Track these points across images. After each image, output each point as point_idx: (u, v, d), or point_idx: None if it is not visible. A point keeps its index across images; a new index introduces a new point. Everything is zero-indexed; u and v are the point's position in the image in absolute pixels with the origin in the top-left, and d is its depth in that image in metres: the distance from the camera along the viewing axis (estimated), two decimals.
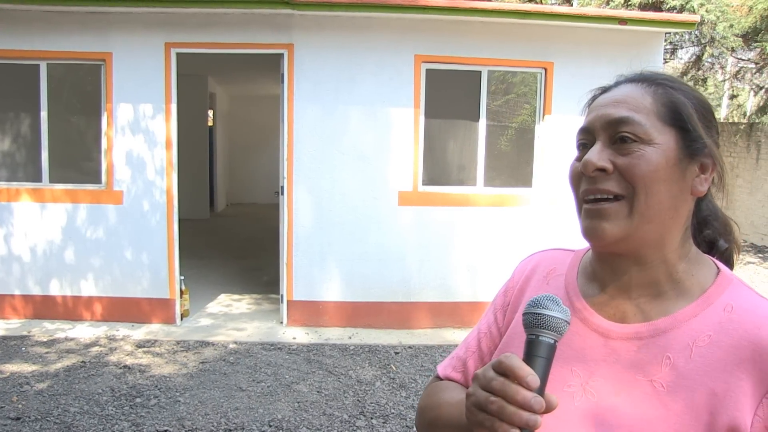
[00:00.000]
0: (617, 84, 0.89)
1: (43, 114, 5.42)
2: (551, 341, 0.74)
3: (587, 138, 0.87)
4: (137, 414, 3.74)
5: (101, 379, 4.25)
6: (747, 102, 14.00)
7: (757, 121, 10.20)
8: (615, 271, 0.87)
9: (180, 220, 5.63)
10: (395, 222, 5.59)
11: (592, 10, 7.19)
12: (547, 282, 0.97)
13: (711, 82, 12.38)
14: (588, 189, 0.84)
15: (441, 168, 5.82)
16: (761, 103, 10.59)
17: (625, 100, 0.85)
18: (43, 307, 5.49)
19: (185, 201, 7.35)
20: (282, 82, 5.41)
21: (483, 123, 5.69)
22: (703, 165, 0.85)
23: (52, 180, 5.47)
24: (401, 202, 5.57)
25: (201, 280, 6.91)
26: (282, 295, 5.59)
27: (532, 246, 1.22)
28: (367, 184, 5.54)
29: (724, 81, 12.83)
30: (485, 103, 5.67)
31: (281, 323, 5.59)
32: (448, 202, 5.63)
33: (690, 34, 9.52)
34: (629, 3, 9.39)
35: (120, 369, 4.45)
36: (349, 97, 5.46)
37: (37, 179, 5.48)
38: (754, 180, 10.52)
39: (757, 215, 10.38)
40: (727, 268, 0.90)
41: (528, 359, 0.73)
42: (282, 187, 5.51)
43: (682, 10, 8.73)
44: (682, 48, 10.63)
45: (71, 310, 5.50)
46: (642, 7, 9.14)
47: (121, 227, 5.45)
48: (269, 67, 7.14)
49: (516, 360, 0.71)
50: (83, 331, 5.25)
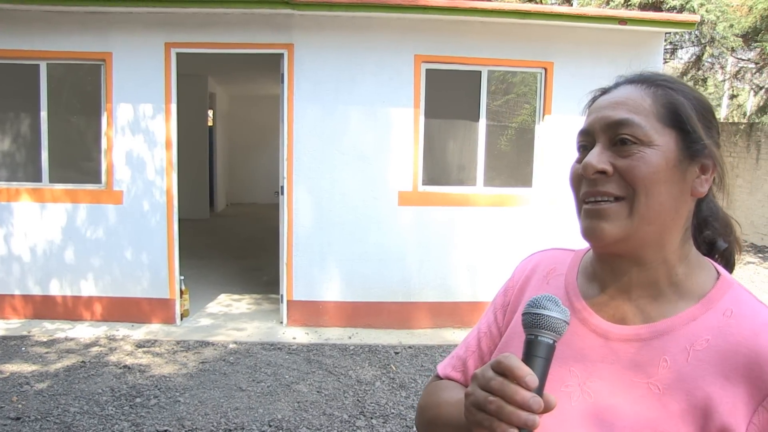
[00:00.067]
0: (617, 85, 0.89)
1: (43, 114, 5.43)
2: (550, 341, 0.74)
3: (587, 140, 0.87)
4: (137, 414, 3.75)
5: (101, 379, 4.25)
6: (747, 102, 14.00)
7: (757, 121, 10.21)
8: (615, 272, 0.87)
9: (180, 220, 5.63)
10: (395, 222, 5.59)
11: (592, 10, 7.19)
12: (547, 282, 0.97)
13: (711, 82, 12.38)
14: (588, 191, 0.84)
15: (441, 168, 5.82)
16: (761, 103, 10.59)
17: (625, 101, 0.85)
18: (43, 307, 5.49)
19: (185, 201, 7.35)
20: (282, 82, 5.41)
21: (483, 123, 5.69)
22: (704, 166, 0.84)
23: (52, 180, 5.47)
24: (401, 202, 5.57)
25: (201, 280, 6.91)
26: (282, 295, 5.59)
27: (532, 246, 1.22)
28: (367, 184, 5.54)
29: (724, 81, 12.84)
30: (485, 103, 5.67)
31: (281, 323, 5.59)
32: (448, 202, 5.64)
33: (690, 34, 9.52)
34: (629, 3, 9.39)
35: (120, 369, 4.45)
36: (349, 97, 5.46)
37: (37, 179, 5.48)
38: (754, 180, 10.53)
39: (757, 215, 10.38)
40: (727, 270, 0.90)
41: (527, 359, 0.73)
42: (282, 187, 5.51)
43: (682, 10, 8.73)
44: (682, 48, 10.63)
45: (71, 310, 5.50)
46: (642, 7, 9.14)
47: (121, 227, 5.45)
48: (269, 67, 7.14)
49: (515, 360, 0.72)
50: (83, 331, 5.25)
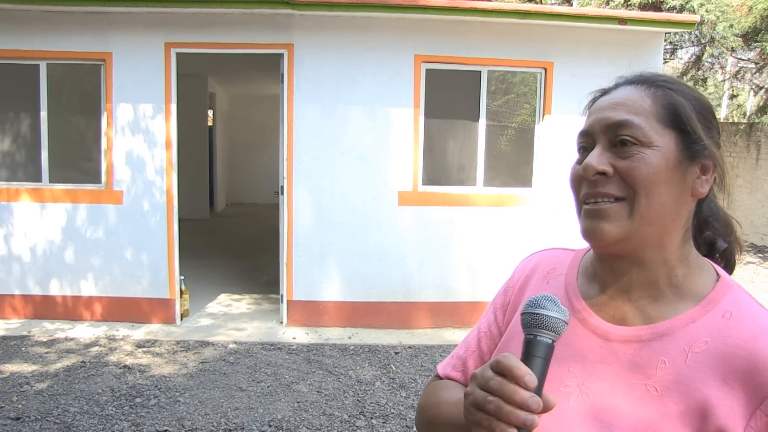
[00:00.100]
0: (617, 86, 0.89)
1: (43, 114, 5.43)
2: (549, 341, 0.74)
3: (587, 141, 0.87)
4: (137, 414, 3.75)
5: (101, 379, 4.25)
6: (747, 102, 14.00)
7: (757, 121, 10.21)
8: (615, 273, 0.87)
9: (180, 220, 5.63)
10: (395, 222, 5.59)
11: (592, 10, 7.19)
12: (547, 281, 0.97)
13: (711, 82, 12.38)
14: (588, 193, 0.84)
15: (441, 168, 5.82)
16: (761, 103, 10.59)
17: (625, 102, 0.84)
18: (43, 307, 5.49)
19: (185, 201, 7.35)
20: (282, 82, 5.41)
21: (483, 123, 5.69)
22: (704, 166, 0.84)
23: (52, 180, 5.47)
24: (401, 202, 5.57)
25: (201, 280, 6.91)
26: (282, 295, 5.59)
27: (531, 246, 1.22)
28: (367, 184, 5.54)
29: (724, 81, 12.83)
30: (485, 103, 5.67)
31: (281, 323, 5.59)
32: (448, 202, 5.64)
33: (690, 34, 9.52)
34: (629, 3, 9.39)
35: (120, 369, 4.45)
36: (349, 97, 5.46)
37: (37, 179, 5.48)
38: (754, 180, 10.53)
39: (757, 215, 10.38)
40: (727, 271, 0.90)
41: (526, 359, 0.73)
42: (282, 187, 5.51)
43: (682, 10, 8.73)
44: (682, 48, 10.63)
45: (71, 310, 5.50)
46: (642, 7, 9.14)
47: (121, 227, 5.45)
48: (269, 67, 7.14)
49: (514, 360, 0.72)
50: (83, 331, 5.25)
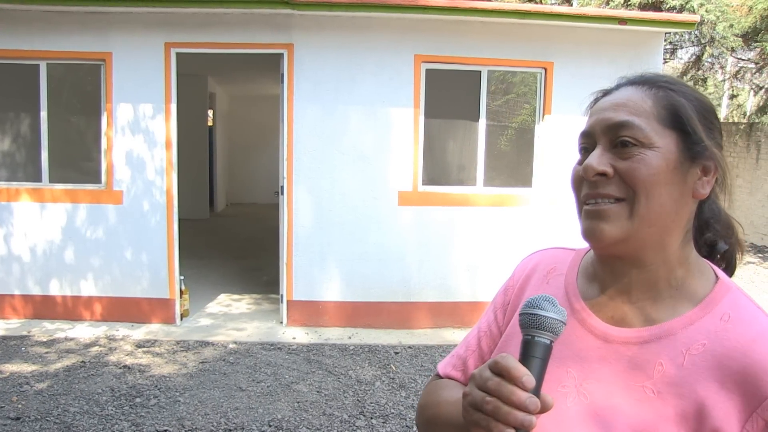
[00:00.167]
0: (618, 87, 0.89)
1: (43, 114, 5.43)
2: (547, 342, 0.74)
3: (588, 142, 0.87)
4: (137, 414, 3.75)
5: (101, 379, 4.25)
6: (747, 102, 14.00)
7: (757, 121, 10.21)
8: (615, 273, 0.87)
9: (180, 220, 5.63)
10: (395, 222, 5.59)
11: (592, 10, 7.19)
12: (547, 281, 0.97)
13: (711, 82, 12.38)
14: (589, 193, 0.84)
15: (441, 168, 5.82)
16: (761, 103, 10.59)
17: (626, 103, 0.84)
18: (43, 307, 5.49)
19: (185, 201, 7.35)
20: (282, 82, 5.41)
21: (483, 123, 5.69)
22: (705, 167, 0.84)
23: (52, 180, 5.47)
24: (401, 202, 5.57)
25: (201, 280, 6.91)
26: (282, 295, 5.59)
27: (531, 246, 1.22)
28: (367, 184, 5.54)
29: (724, 81, 12.83)
30: (485, 103, 5.67)
31: (281, 323, 5.59)
32: (447, 202, 5.64)
33: (690, 34, 9.52)
34: (629, 3, 9.39)
35: (120, 369, 4.45)
36: (349, 97, 5.46)
37: (37, 179, 5.48)
38: (754, 180, 10.53)
39: (757, 215, 10.38)
40: (727, 273, 0.90)
41: (524, 359, 0.73)
42: (282, 187, 5.51)
43: (682, 10, 8.73)
44: (682, 48, 10.63)
45: (71, 310, 5.50)
46: (642, 7, 9.14)
47: (121, 227, 5.45)
48: (269, 67, 7.14)
49: (512, 360, 0.72)
50: (83, 331, 5.25)
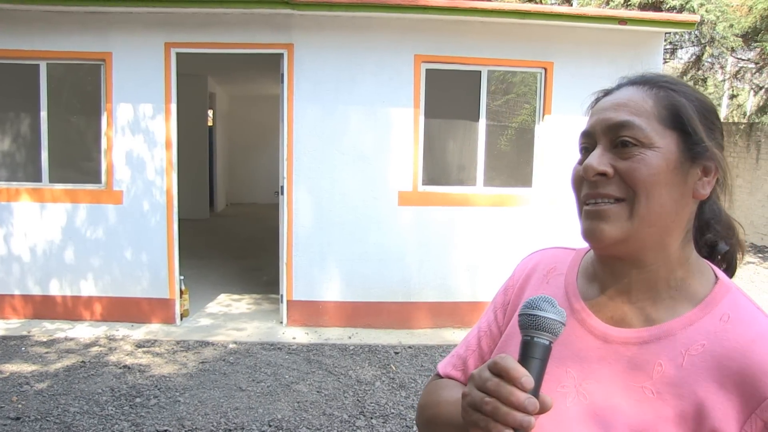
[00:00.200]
0: (619, 87, 0.89)
1: (43, 114, 5.42)
2: (546, 342, 0.74)
3: (589, 142, 0.87)
4: (137, 414, 3.74)
5: (101, 379, 4.25)
6: (747, 102, 13.99)
7: (757, 121, 10.21)
8: (615, 274, 0.87)
9: (180, 220, 5.63)
10: (395, 222, 5.59)
11: (592, 10, 7.19)
12: (547, 281, 0.97)
13: (711, 82, 12.38)
14: (589, 193, 0.84)
15: (441, 168, 5.82)
16: (761, 103, 10.59)
17: (626, 103, 0.84)
18: (43, 307, 5.49)
19: (185, 201, 7.35)
20: (282, 82, 5.41)
21: (483, 123, 5.69)
22: (706, 168, 0.84)
23: (52, 180, 5.47)
24: (401, 202, 5.57)
25: (201, 280, 6.91)
26: (282, 295, 5.59)
27: (531, 246, 1.22)
28: (367, 184, 5.54)
29: (724, 81, 12.83)
30: (485, 103, 5.67)
31: (281, 323, 5.59)
32: (448, 202, 5.63)
33: (690, 34, 9.51)
34: (629, 3, 9.39)
35: (120, 369, 4.45)
36: (349, 97, 5.46)
37: (37, 179, 5.48)
38: (754, 180, 10.53)
39: (757, 215, 10.38)
40: (727, 274, 0.90)
41: (523, 360, 0.74)
42: (282, 187, 5.51)
43: (682, 10, 8.72)
44: (682, 48, 10.63)
45: (71, 310, 5.50)
46: (642, 7, 9.14)
47: (121, 227, 5.45)
48: (269, 67, 7.13)
49: (511, 361, 0.72)
50: (83, 331, 5.25)
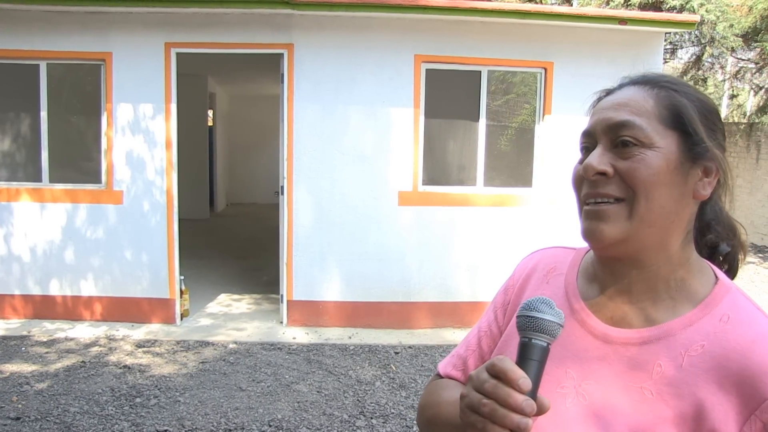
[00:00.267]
0: (620, 86, 0.89)
1: (43, 114, 5.42)
2: (544, 344, 0.74)
3: (589, 141, 0.87)
4: (137, 414, 3.74)
5: (101, 379, 4.25)
6: (747, 102, 13.99)
7: (757, 121, 10.21)
8: (615, 274, 0.87)
9: (180, 220, 5.63)
10: (395, 222, 5.59)
11: (592, 10, 7.19)
12: (547, 281, 0.97)
13: (711, 82, 12.38)
14: (589, 193, 0.84)
15: (441, 168, 5.82)
16: (761, 103, 10.59)
17: (627, 103, 0.84)
18: (43, 307, 5.49)
19: (185, 201, 7.35)
20: (282, 82, 5.41)
21: (483, 123, 5.69)
22: (707, 169, 0.84)
23: (52, 180, 5.47)
24: (401, 202, 5.57)
25: (201, 280, 6.91)
26: (282, 295, 5.59)
27: (531, 246, 1.22)
28: (367, 184, 5.54)
29: (724, 81, 12.82)
30: (485, 103, 5.67)
31: (281, 323, 5.59)
32: (448, 202, 5.63)
33: (690, 34, 9.51)
34: (629, 3, 9.39)
35: (120, 369, 4.45)
36: (349, 97, 5.46)
37: (37, 179, 5.48)
38: (754, 180, 10.53)
39: (757, 215, 10.38)
40: (727, 275, 0.90)
41: (521, 362, 0.74)
42: (282, 187, 5.51)
43: (682, 10, 8.72)
44: (682, 48, 10.63)
45: (71, 310, 5.50)
46: (642, 7, 9.14)
47: (121, 227, 5.45)
48: (269, 67, 7.14)
49: (508, 363, 0.72)
50: (83, 331, 5.25)
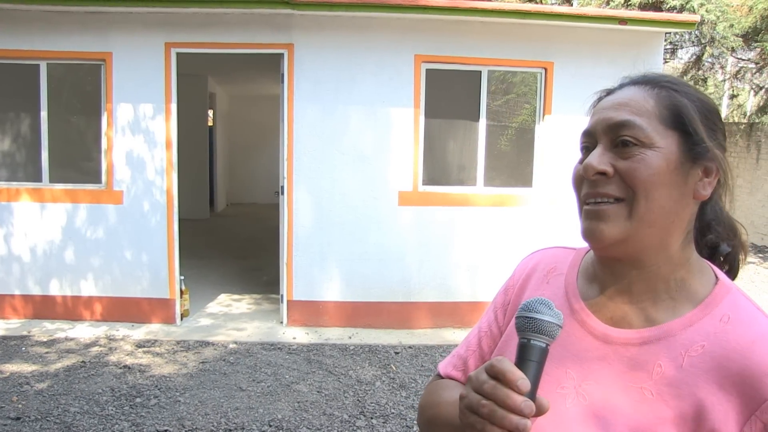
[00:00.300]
0: (621, 86, 0.89)
1: (43, 114, 5.42)
2: (543, 345, 0.74)
3: (590, 141, 0.87)
4: (137, 414, 3.74)
5: (101, 379, 4.25)
6: (747, 102, 13.99)
7: (757, 121, 10.21)
8: (615, 275, 0.87)
9: (180, 220, 5.63)
10: (395, 222, 5.58)
11: (592, 10, 7.19)
12: (548, 281, 0.97)
13: (711, 82, 12.38)
14: (589, 192, 0.84)
15: (441, 168, 5.82)
16: (761, 103, 10.59)
17: (627, 103, 0.84)
18: (43, 307, 5.49)
19: (185, 201, 7.35)
20: (282, 82, 5.41)
21: (483, 123, 5.69)
22: (707, 169, 0.84)
23: (52, 180, 5.47)
24: (401, 202, 5.57)
25: (201, 280, 6.91)
26: (282, 295, 5.59)
27: (531, 246, 1.22)
28: (367, 184, 5.54)
29: (724, 81, 12.82)
30: (485, 103, 5.67)
31: (281, 323, 5.59)
32: (448, 202, 5.63)
33: (690, 34, 9.51)
34: (629, 3, 9.39)
35: (120, 369, 4.45)
36: (349, 97, 5.46)
37: (37, 179, 5.48)
38: (754, 180, 10.53)
39: (757, 215, 10.38)
40: (729, 276, 0.90)
41: (520, 363, 0.74)
42: (282, 187, 5.51)
43: (682, 10, 8.72)
44: (682, 48, 10.63)
45: (71, 310, 5.50)
46: (642, 7, 9.14)
47: (121, 227, 5.45)
48: (269, 67, 7.14)
49: (507, 364, 0.72)
50: (83, 331, 5.25)
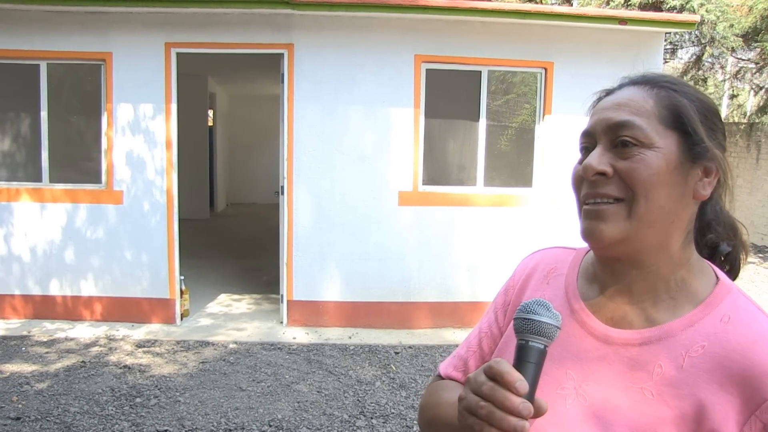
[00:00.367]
0: (620, 86, 0.89)
1: (43, 114, 5.42)
2: (541, 347, 0.74)
3: (589, 141, 0.87)
4: (137, 414, 3.75)
5: (101, 379, 4.25)
6: (747, 102, 13.99)
7: (757, 121, 10.21)
8: (615, 275, 0.87)
9: (180, 220, 5.63)
10: (395, 222, 5.59)
11: (592, 10, 7.19)
12: (548, 281, 0.97)
13: (711, 82, 12.38)
14: (588, 193, 0.84)
15: (441, 168, 5.82)
16: (761, 103, 10.59)
17: (627, 103, 0.84)
18: (43, 307, 5.49)
19: (185, 201, 7.35)
20: (282, 82, 5.41)
21: (483, 123, 5.69)
22: (707, 169, 0.84)
23: (52, 180, 5.47)
24: (401, 202, 5.57)
25: (201, 280, 6.91)
26: (282, 295, 5.59)
27: (531, 246, 1.22)
28: (367, 184, 5.54)
29: (724, 81, 12.83)
30: (485, 103, 5.67)
31: (281, 323, 5.59)
32: (448, 202, 5.63)
33: (690, 34, 9.52)
34: (629, 3, 9.39)
35: (120, 369, 4.45)
36: (349, 97, 5.46)
37: (37, 179, 5.48)
38: (754, 180, 10.53)
39: (757, 215, 10.38)
40: (730, 276, 0.90)
41: (518, 364, 0.74)
42: (282, 187, 5.51)
43: (682, 10, 8.73)
44: (682, 48, 10.63)
45: (71, 310, 5.50)
46: (642, 7, 9.14)
47: (121, 227, 5.45)
48: (269, 67, 7.14)
49: (505, 365, 0.71)
50: (83, 331, 5.25)
